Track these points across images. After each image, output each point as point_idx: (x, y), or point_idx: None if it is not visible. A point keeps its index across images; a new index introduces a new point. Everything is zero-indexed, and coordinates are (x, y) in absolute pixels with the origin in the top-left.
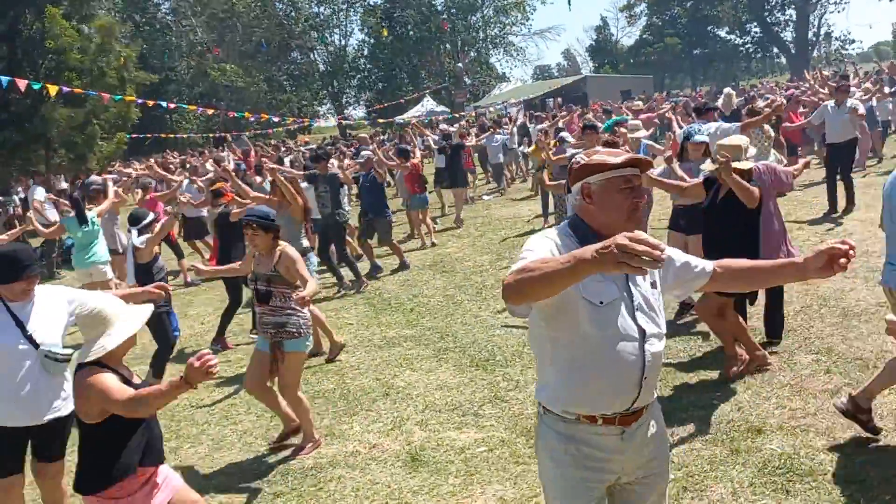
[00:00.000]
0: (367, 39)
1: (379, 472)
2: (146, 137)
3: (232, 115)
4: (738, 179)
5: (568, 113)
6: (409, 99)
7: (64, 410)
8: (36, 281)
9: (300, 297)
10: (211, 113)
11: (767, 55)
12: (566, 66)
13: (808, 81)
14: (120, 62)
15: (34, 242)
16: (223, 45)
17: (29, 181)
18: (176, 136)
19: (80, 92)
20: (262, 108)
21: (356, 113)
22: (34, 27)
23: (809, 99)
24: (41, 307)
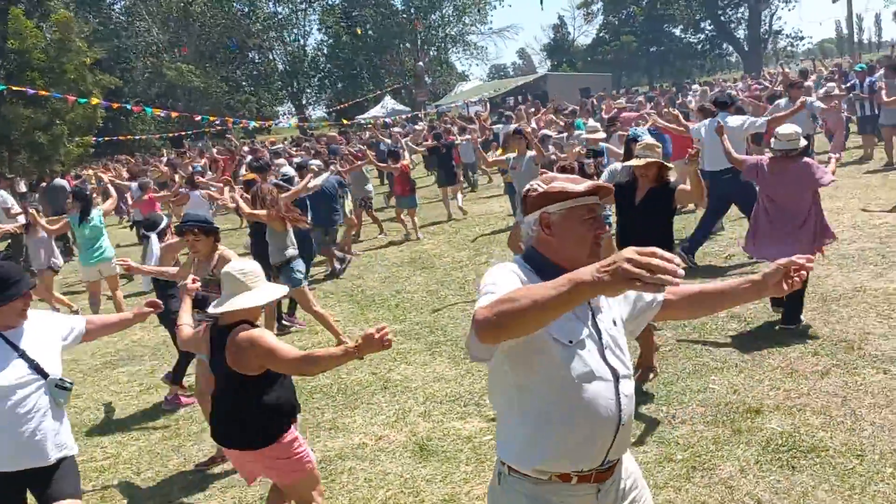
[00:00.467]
0: (325, 39)
1: (389, 462)
2: (105, 140)
3: (196, 117)
4: (699, 175)
5: (536, 110)
6: (369, 98)
7: (73, 447)
8: (31, 298)
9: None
10: (175, 116)
11: (721, 52)
12: (522, 65)
13: (765, 79)
14: (85, 62)
15: None
16: (179, 45)
17: None
18: (135, 137)
19: (44, 94)
20: (220, 108)
21: (316, 113)
22: None
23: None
24: (31, 330)
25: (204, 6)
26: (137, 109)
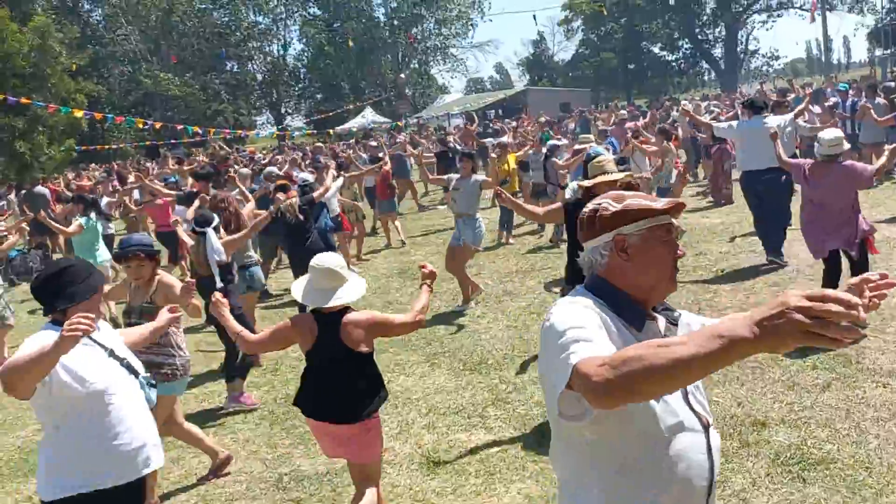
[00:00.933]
0: (306, 49)
1: (396, 475)
2: (83, 149)
3: (179, 127)
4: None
5: (519, 123)
6: (349, 109)
7: (160, 458)
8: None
9: (188, 281)
10: (159, 126)
11: (698, 70)
12: (499, 79)
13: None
14: (73, 67)
15: None
16: (158, 54)
17: None
18: (115, 147)
19: (27, 102)
20: (197, 116)
21: (294, 123)
22: None
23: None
24: (104, 329)
25: (183, 15)
26: (120, 120)
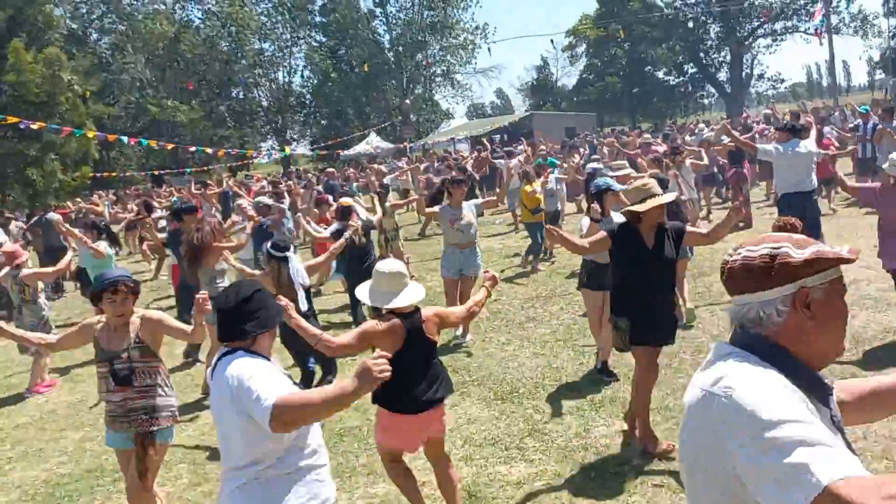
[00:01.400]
0: (311, 76)
1: None
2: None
3: (191, 148)
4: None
5: (528, 146)
6: (354, 136)
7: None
8: None
9: (203, 297)
10: (170, 148)
11: (702, 95)
12: (500, 104)
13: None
14: (86, 93)
15: None
16: (164, 80)
17: None
18: (123, 174)
19: (41, 126)
20: (203, 143)
21: (299, 149)
22: None
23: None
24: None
25: (190, 43)
26: (133, 141)
